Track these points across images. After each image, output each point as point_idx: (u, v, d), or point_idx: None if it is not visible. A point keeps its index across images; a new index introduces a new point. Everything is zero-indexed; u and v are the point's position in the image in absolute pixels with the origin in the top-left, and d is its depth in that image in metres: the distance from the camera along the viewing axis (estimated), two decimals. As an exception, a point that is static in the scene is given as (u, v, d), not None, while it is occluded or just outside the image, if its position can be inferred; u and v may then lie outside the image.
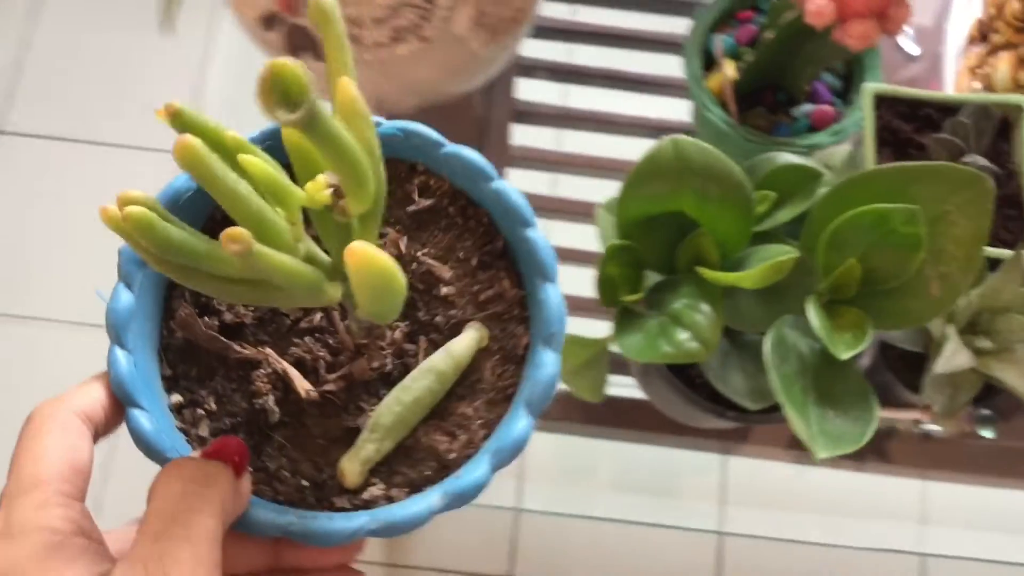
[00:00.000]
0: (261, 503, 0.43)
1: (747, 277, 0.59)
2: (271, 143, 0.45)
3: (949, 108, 0.85)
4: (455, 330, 0.47)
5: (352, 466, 0.45)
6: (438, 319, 0.47)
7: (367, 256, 0.35)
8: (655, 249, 0.67)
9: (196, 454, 0.42)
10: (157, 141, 1.58)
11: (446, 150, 0.47)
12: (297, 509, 0.44)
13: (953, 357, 0.69)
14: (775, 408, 0.61)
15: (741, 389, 0.68)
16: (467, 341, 0.46)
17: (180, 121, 0.35)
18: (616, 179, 0.95)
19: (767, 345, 0.59)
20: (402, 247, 0.48)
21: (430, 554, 1.40)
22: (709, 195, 0.62)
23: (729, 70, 0.90)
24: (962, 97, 0.85)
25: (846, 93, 0.95)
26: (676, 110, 1.02)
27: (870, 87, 0.85)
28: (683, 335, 0.62)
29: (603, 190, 0.77)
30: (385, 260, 0.36)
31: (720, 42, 0.92)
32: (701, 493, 1.43)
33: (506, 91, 1.02)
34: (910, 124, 0.85)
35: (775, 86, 0.92)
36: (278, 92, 0.32)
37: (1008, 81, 0.97)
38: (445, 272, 0.47)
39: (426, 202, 0.48)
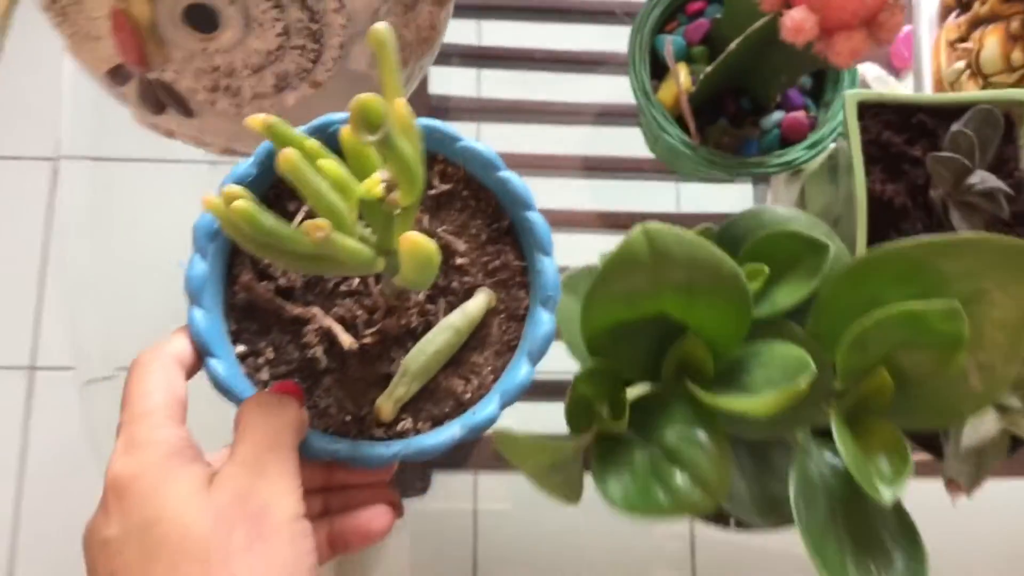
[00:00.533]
0: (316, 434, 0.52)
1: (756, 405, 0.46)
2: (317, 135, 0.52)
3: (944, 112, 0.72)
4: (468, 294, 0.55)
5: (387, 404, 0.53)
6: (454, 284, 0.55)
7: (417, 243, 0.42)
8: (634, 361, 0.55)
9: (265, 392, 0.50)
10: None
11: (462, 144, 0.55)
12: (344, 439, 0.52)
13: (981, 426, 0.62)
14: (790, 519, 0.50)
15: (745, 499, 0.57)
16: (479, 302, 0.54)
17: (273, 132, 0.42)
18: (555, 175, 0.90)
19: (792, 490, 0.49)
20: (425, 224, 0.55)
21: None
22: (695, 292, 0.51)
23: (683, 76, 0.78)
24: (958, 98, 0.71)
25: (817, 93, 0.82)
26: (620, 89, 0.83)
27: (853, 95, 0.71)
28: (680, 478, 0.49)
29: (541, 186, 0.69)
30: (430, 245, 0.42)
31: (670, 44, 0.79)
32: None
33: (419, 88, 0.88)
34: (902, 135, 0.73)
35: (737, 90, 0.81)
36: (363, 120, 0.39)
37: (998, 60, 0.81)
38: (460, 245, 0.55)
39: (445, 187, 0.56)
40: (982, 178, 0.68)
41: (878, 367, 0.52)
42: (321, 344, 0.54)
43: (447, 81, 0.93)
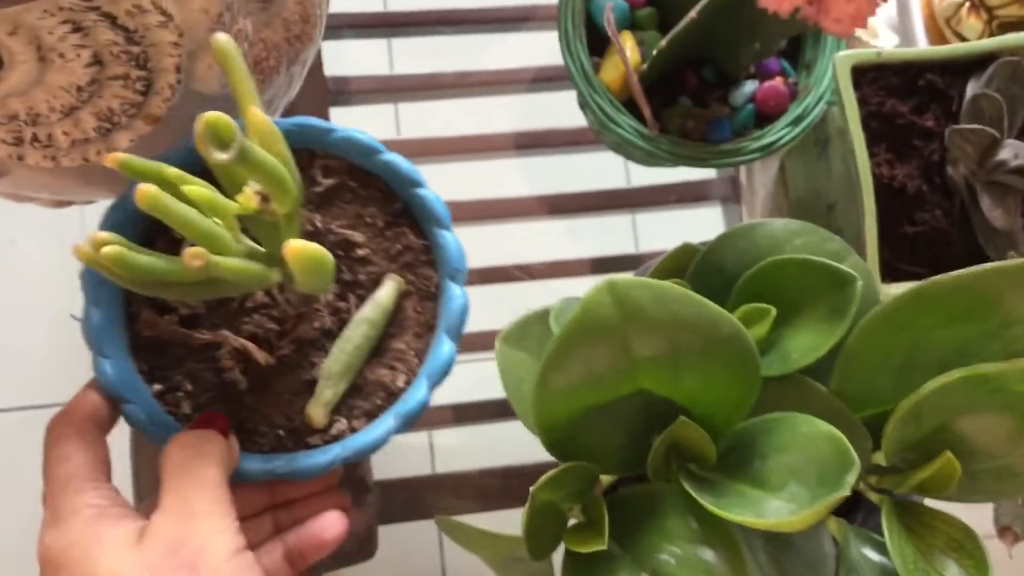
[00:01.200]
0: (250, 456, 0.50)
1: (788, 522, 0.36)
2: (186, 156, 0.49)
3: (957, 68, 0.58)
4: (376, 283, 0.53)
5: (316, 410, 0.51)
6: (361, 277, 0.52)
7: (302, 250, 0.41)
8: (609, 453, 0.44)
9: (186, 429, 0.48)
10: None
11: (337, 135, 0.52)
12: (280, 454, 0.50)
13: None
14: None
15: None
16: (388, 290, 0.52)
17: (129, 167, 0.40)
18: (485, 158, 0.78)
19: None
20: (317, 224, 0.52)
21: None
22: (683, 363, 0.40)
23: (629, 50, 0.63)
24: (974, 48, 0.57)
25: (794, 53, 0.67)
26: (554, 47, 0.66)
27: (845, 59, 0.57)
28: None
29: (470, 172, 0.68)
30: (315, 249, 0.42)
31: (609, 11, 0.63)
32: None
33: (312, 73, 0.71)
34: (908, 102, 0.59)
35: (698, 60, 0.66)
36: (213, 138, 0.37)
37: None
38: (358, 236, 0.53)
39: (329, 181, 0.53)
40: (1015, 151, 0.54)
41: (938, 445, 0.41)
42: (238, 365, 0.51)
43: (351, 58, 0.81)
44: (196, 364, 0.51)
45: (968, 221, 0.58)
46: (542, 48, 0.75)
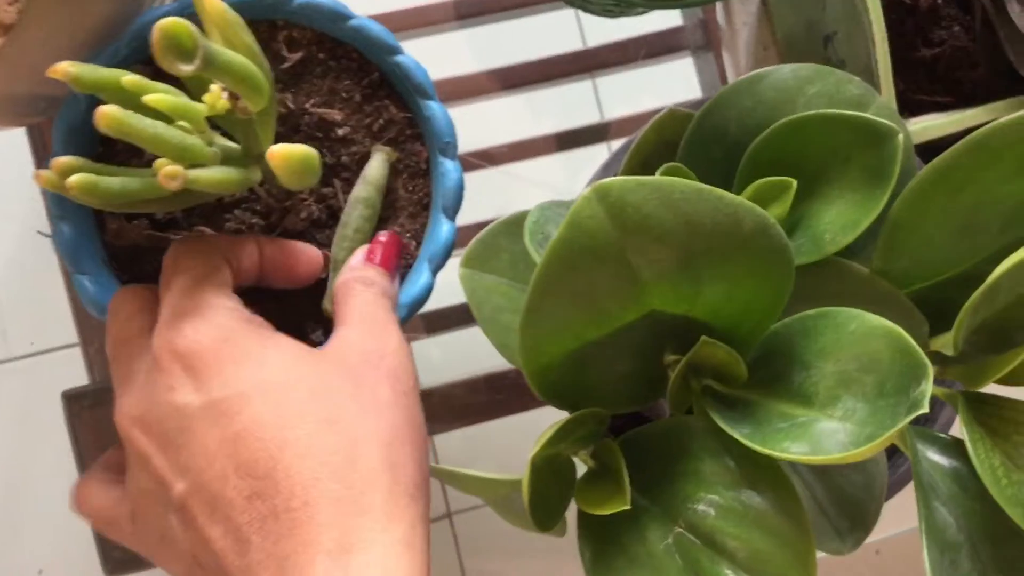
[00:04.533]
0: None
1: (851, 453, 0.26)
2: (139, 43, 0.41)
3: None
4: (361, 163, 0.44)
5: (330, 304, 0.43)
6: (344, 159, 0.44)
7: (287, 154, 0.35)
8: (612, 390, 0.34)
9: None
10: None
11: (299, 2, 0.42)
12: None
13: None
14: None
15: (811, 511, 0.36)
16: (376, 164, 0.44)
17: (81, 82, 0.33)
18: (424, 33, 0.65)
19: (928, 566, 0.27)
20: (290, 104, 0.43)
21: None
22: (702, 273, 0.30)
23: None
24: None
25: None
26: None
27: None
28: None
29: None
30: (301, 150, 0.35)
31: None
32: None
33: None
34: None
35: None
36: (172, 49, 0.31)
37: None
38: (336, 115, 0.44)
39: (296, 55, 0.44)
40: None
41: (1016, 324, 0.30)
42: None
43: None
44: (182, 268, 0.42)
45: (993, 35, 0.46)
46: None
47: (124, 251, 0.43)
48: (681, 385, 0.32)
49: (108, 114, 0.31)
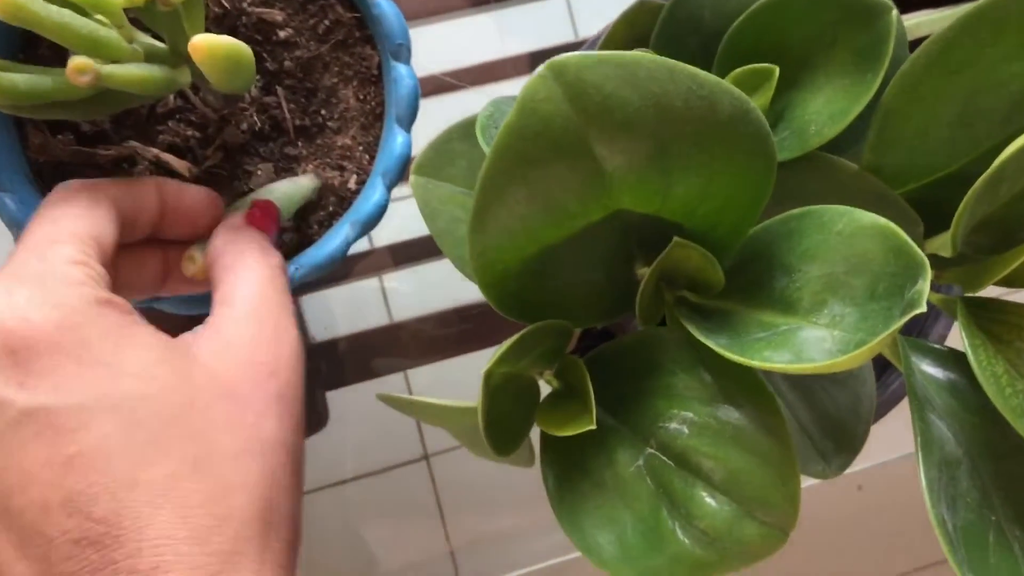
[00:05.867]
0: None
1: (839, 361, 0.23)
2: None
3: None
4: (306, 69, 0.40)
5: (200, 260, 0.37)
6: (287, 64, 0.41)
7: (209, 46, 0.31)
8: (575, 302, 0.30)
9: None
10: None
11: None
12: None
13: None
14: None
15: (795, 433, 0.33)
16: (304, 181, 0.40)
17: None
18: None
19: (924, 484, 0.24)
20: (225, 3, 0.40)
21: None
22: (673, 164, 0.27)
23: None
24: None
25: None
26: None
27: None
28: (710, 503, 0.27)
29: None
30: (227, 43, 0.32)
31: None
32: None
33: None
34: None
35: None
36: None
37: None
38: (276, 15, 0.40)
39: None
40: None
41: (1018, 220, 0.27)
42: None
43: None
44: (112, 187, 0.38)
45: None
46: None
47: (49, 167, 0.39)
48: (652, 295, 0.28)
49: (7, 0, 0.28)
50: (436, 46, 0.60)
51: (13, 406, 0.25)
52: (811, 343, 0.24)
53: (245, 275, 0.31)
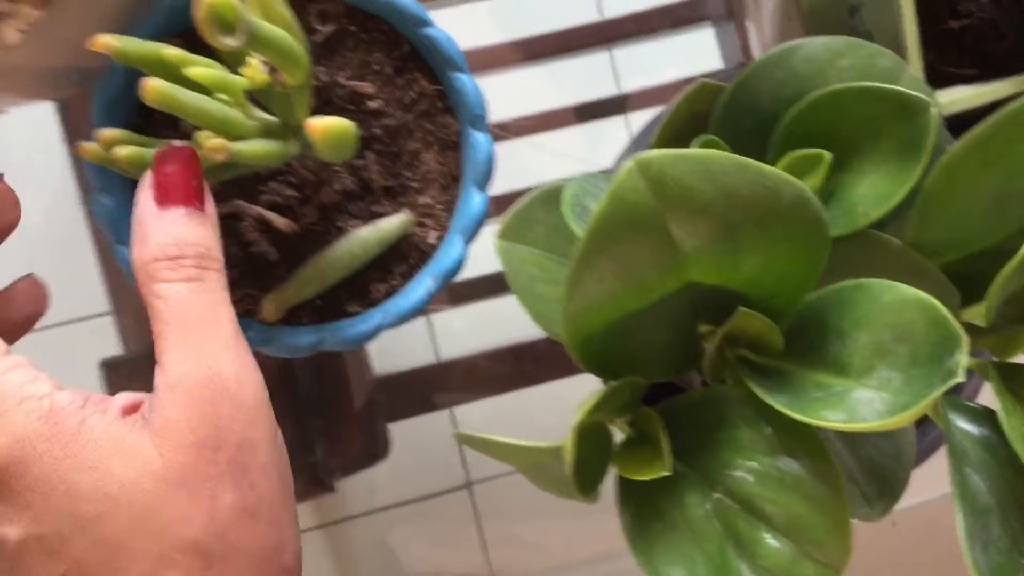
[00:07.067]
0: (294, 329, 0.43)
1: (887, 421, 0.27)
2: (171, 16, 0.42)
3: None
4: (393, 135, 0.44)
5: None
6: (376, 131, 0.44)
7: (327, 128, 0.35)
8: (649, 359, 0.34)
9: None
10: None
11: None
12: (325, 325, 0.43)
13: None
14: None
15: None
16: (395, 221, 0.43)
17: (123, 55, 0.33)
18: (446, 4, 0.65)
19: (963, 532, 0.27)
20: (323, 77, 0.44)
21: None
22: (741, 244, 0.30)
23: None
24: None
25: None
26: None
27: None
28: (773, 543, 0.30)
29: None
30: (340, 123, 0.35)
31: None
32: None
33: None
34: None
35: None
36: (218, 24, 0.31)
37: None
38: (368, 88, 0.44)
39: (328, 28, 0.44)
40: None
41: None
42: (263, 237, 0.44)
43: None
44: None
45: (1020, 7, 0.47)
46: None
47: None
48: (717, 355, 0.32)
49: (155, 87, 0.31)
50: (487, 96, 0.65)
51: (8, 540, 0.27)
52: (863, 404, 0.28)
53: (161, 312, 0.30)
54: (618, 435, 0.35)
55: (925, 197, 0.32)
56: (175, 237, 0.31)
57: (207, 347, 0.29)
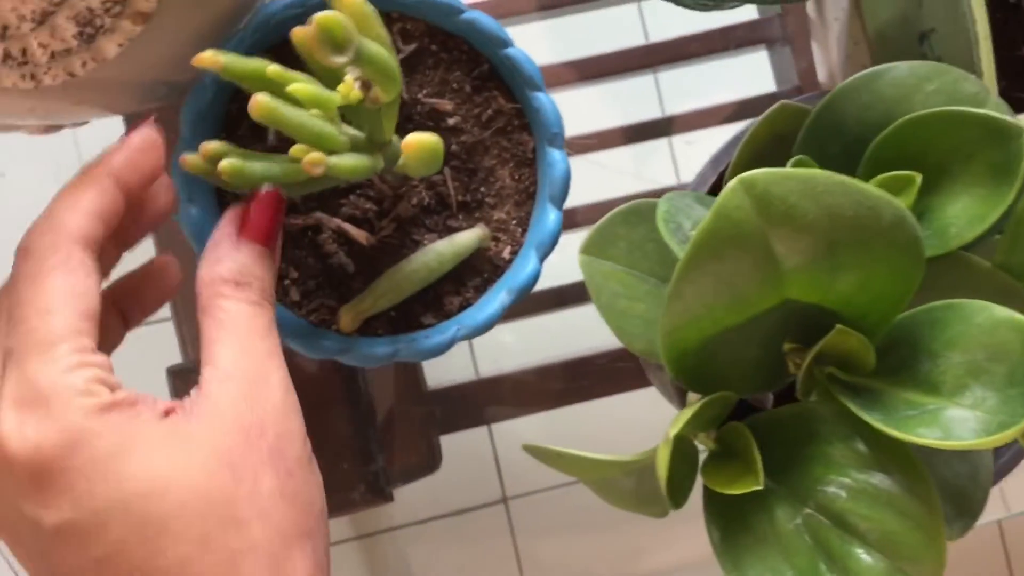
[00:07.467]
0: (371, 340, 0.44)
1: (988, 439, 0.27)
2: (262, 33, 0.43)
3: None
4: (470, 151, 0.45)
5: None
6: (453, 147, 0.45)
7: (421, 144, 0.37)
8: (740, 374, 0.35)
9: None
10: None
11: None
12: (401, 336, 0.44)
13: None
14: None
15: None
16: (471, 235, 0.44)
17: (228, 71, 0.34)
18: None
19: None
20: (404, 94, 0.44)
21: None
22: (841, 262, 0.31)
23: None
24: None
25: None
26: None
27: None
28: (865, 559, 0.30)
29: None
30: (433, 140, 0.37)
31: None
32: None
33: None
34: None
35: None
36: (329, 43, 0.32)
37: None
38: (447, 105, 0.45)
39: (410, 47, 0.45)
40: None
41: None
42: (341, 248, 0.45)
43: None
44: (298, 251, 0.45)
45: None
46: None
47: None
48: (807, 373, 0.33)
49: (263, 103, 0.32)
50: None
51: (44, 525, 0.28)
52: (957, 422, 0.28)
53: (220, 323, 0.31)
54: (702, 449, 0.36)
55: (1016, 220, 0.33)
56: (246, 267, 0.33)
57: (257, 354, 0.32)
